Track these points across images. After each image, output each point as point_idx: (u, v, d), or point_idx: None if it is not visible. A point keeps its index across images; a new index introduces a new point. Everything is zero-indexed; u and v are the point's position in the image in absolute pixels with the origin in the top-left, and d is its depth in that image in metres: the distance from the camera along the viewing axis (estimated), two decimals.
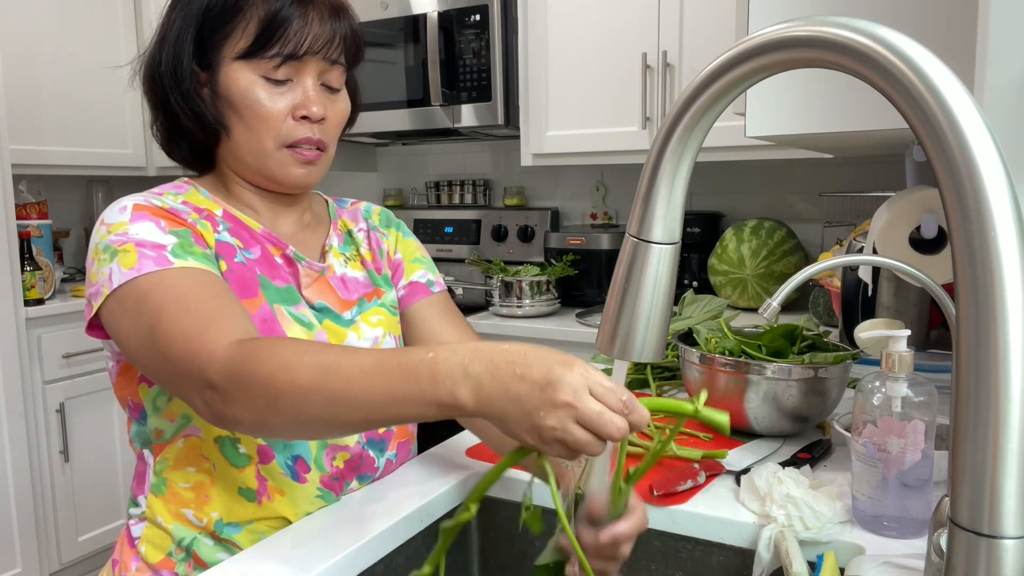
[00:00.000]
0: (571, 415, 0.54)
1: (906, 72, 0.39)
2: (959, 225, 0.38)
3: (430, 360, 0.60)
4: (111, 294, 0.75)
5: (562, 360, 0.56)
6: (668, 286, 0.55)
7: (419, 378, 0.60)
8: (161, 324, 0.72)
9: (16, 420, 2.26)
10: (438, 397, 0.59)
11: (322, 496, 0.86)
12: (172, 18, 0.85)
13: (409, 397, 0.60)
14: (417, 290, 1.01)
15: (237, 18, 0.82)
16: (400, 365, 0.61)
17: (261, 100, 0.83)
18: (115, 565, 0.88)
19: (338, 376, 0.63)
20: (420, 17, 2.43)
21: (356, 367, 0.63)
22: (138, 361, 0.76)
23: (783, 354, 1.09)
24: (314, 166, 0.88)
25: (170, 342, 0.71)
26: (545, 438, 0.55)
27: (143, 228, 0.78)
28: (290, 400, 0.64)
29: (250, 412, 0.66)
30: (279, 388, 0.64)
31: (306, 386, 0.63)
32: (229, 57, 0.83)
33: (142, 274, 0.74)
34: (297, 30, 0.82)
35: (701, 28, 2.06)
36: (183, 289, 0.73)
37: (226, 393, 0.67)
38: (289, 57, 0.83)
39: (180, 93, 0.84)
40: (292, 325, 0.84)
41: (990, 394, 0.38)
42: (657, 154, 0.51)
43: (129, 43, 2.89)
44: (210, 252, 0.81)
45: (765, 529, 0.77)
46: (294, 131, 0.85)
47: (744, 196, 2.44)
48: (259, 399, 0.65)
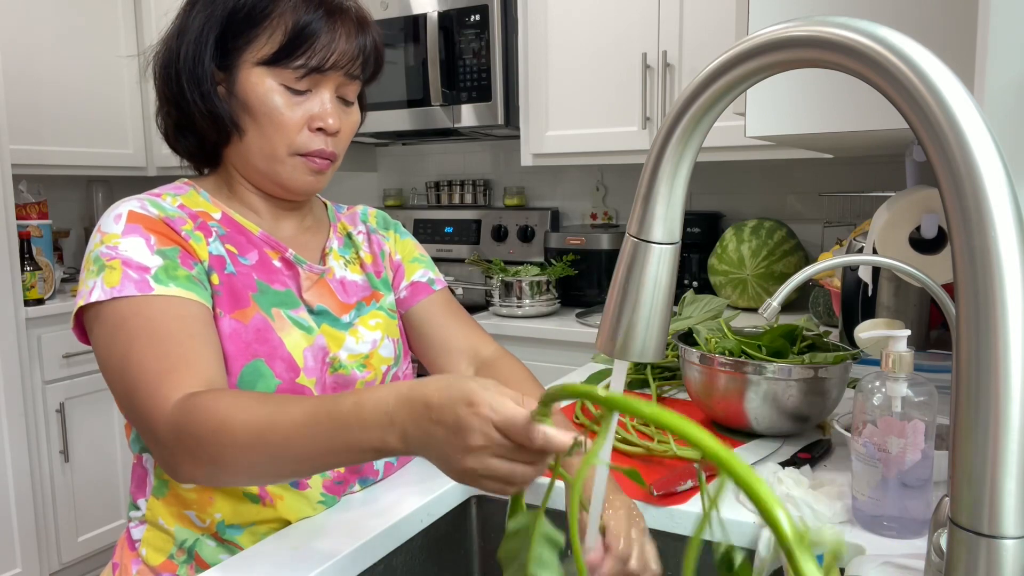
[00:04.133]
0: (488, 453, 0.55)
1: (906, 72, 0.39)
2: (959, 225, 0.38)
3: (357, 409, 0.61)
4: (89, 306, 0.77)
5: (465, 399, 0.55)
6: (668, 286, 0.55)
7: (350, 427, 0.61)
8: (128, 364, 0.74)
9: (16, 420, 2.26)
10: (372, 444, 0.61)
11: (324, 501, 0.86)
12: (193, 15, 0.85)
13: (346, 446, 0.62)
14: (419, 290, 1.01)
15: (264, 24, 0.82)
16: (330, 415, 0.63)
17: (279, 108, 0.83)
18: (115, 568, 0.88)
19: (274, 433, 0.65)
20: (420, 17, 2.43)
21: (290, 422, 0.64)
22: (112, 388, 0.77)
23: (783, 354, 1.09)
24: (323, 175, 0.88)
25: (134, 387, 0.73)
26: (474, 478, 0.56)
27: (132, 244, 0.78)
28: (232, 457, 0.66)
29: (199, 469, 0.69)
30: (220, 448, 0.66)
31: (245, 444, 0.65)
32: (250, 61, 0.83)
33: (122, 296, 0.75)
34: (324, 44, 0.82)
35: (701, 28, 2.06)
36: (157, 322, 0.75)
37: (175, 452, 0.69)
38: (314, 70, 0.83)
39: (199, 92, 0.84)
40: (291, 330, 0.84)
41: (990, 394, 0.38)
42: (657, 154, 0.51)
43: (129, 43, 2.89)
44: (199, 270, 0.81)
45: (765, 529, 0.77)
46: (309, 142, 0.85)
47: (744, 196, 2.44)
48: (203, 457, 0.67)
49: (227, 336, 0.80)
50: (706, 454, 0.39)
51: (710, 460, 0.43)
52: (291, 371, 0.83)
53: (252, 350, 0.81)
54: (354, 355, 0.90)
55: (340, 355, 0.88)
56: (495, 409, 0.54)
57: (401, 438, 0.59)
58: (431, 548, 0.88)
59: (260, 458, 0.66)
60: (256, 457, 0.66)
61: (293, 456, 0.65)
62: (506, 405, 0.55)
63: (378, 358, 0.92)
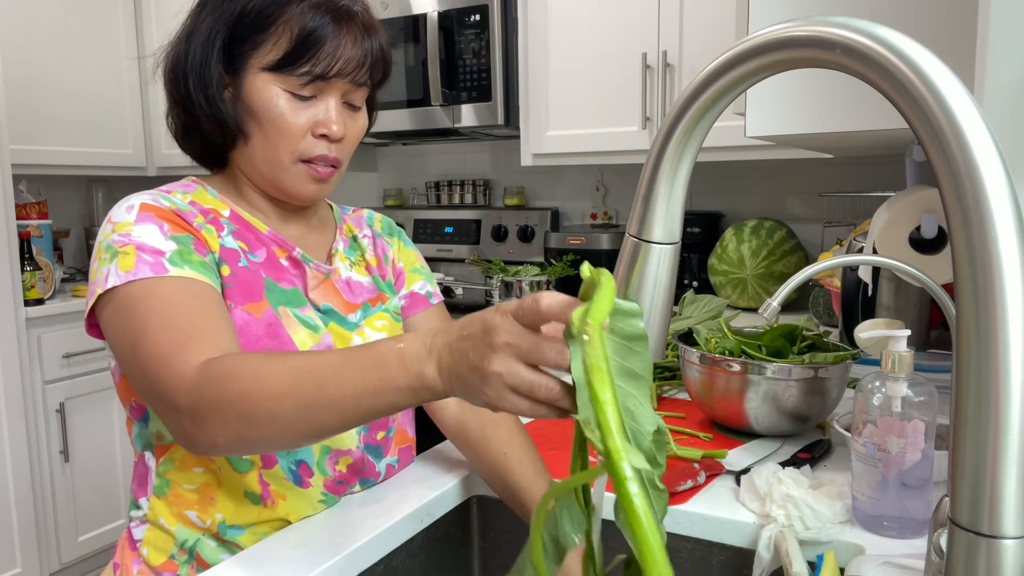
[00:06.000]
0: (513, 355, 0.53)
1: (906, 72, 0.39)
2: (959, 225, 0.38)
3: (398, 348, 0.60)
4: (105, 294, 0.76)
5: (494, 308, 0.55)
6: (668, 286, 0.55)
7: (388, 364, 0.60)
8: (143, 340, 0.72)
9: (16, 420, 2.26)
10: (408, 381, 0.59)
11: (325, 501, 0.86)
12: (202, 17, 0.84)
13: (380, 385, 0.60)
14: (417, 302, 1.01)
15: (271, 29, 0.82)
16: (368, 353, 0.61)
17: (283, 113, 0.82)
18: (116, 568, 0.88)
19: (311, 376, 0.63)
20: (420, 17, 2.43)
21: (327, 364, 0.63)
22: (124, 369, 0.76)
23: (783, 354, 1.09)
24: (326, 183, 0.88)
25: (148, 360, 0.71)
26: (496, 389, 0.54)
27: (146, 230, 0.78)
28: (264, 408, 0.64)
29: (223, 430, 0.66)
30: (252, 399, 0.64)
31: (279, 391, 0.63)
32: (256, 67, 0.82)
33: (136, 279, 0.74)
34: (330, 51, 0.82)
35: (701, 28, 2.06)
36: (171, 301, 0.74)
37: (197, 416, 0.66)
38: (318, 77, 0.82)
39: (204, 96, 0.83)
40: (298, 328, 0.84)
41: (990, 394, 0.38)
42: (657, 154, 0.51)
43: (129, 44, 2.89)
44: (210, 259, 0.81)
45: (765, 529, 0.77)
46: (312, 148, 0.85)
47: (744, 196, 2.44)
48: (231, 415, 0.65)
49: (238, 328, 0.80)
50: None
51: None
52: None
53: (263, 344, 0.81)
54: None
55: None
56: (514, 302, 0.54)
57: (438, 366, 0.58)
58: (431, 548, 0.88)
59: (292, 407, 0.63)
60: (289, 406, 0.63)
61: (327, 402, 0.62)
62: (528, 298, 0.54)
63: None
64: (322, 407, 0.62)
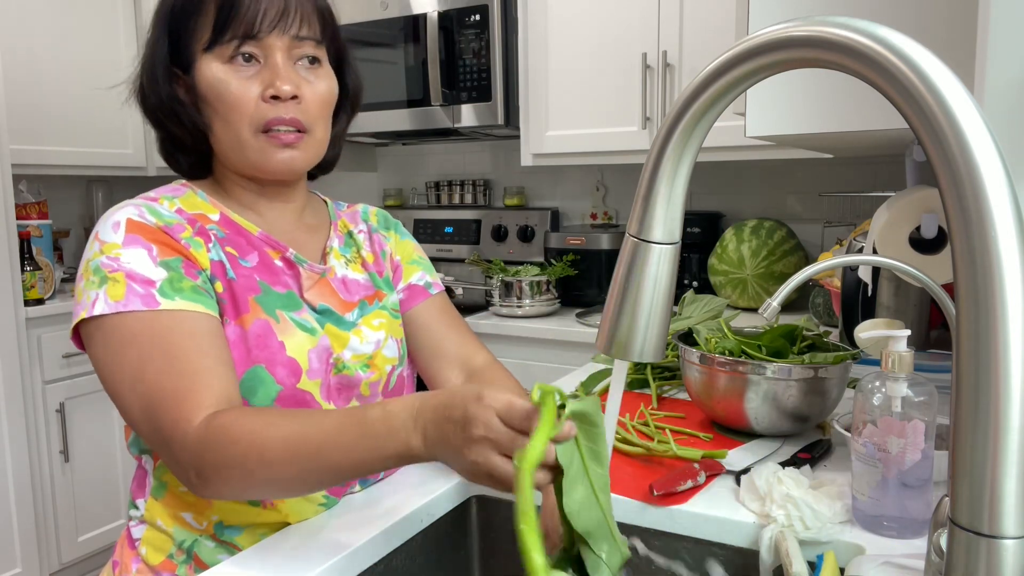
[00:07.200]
0: (490, 447, 0.59)
1: (906, 72, 0.39)
2: (959, 225, 0.38)
3: (385, 415, 0.66)
4: (93, 319, 0.76)
5: (474, 395, 0.60)
6: (668, 286, 0.55)
7: (377, 434, 0.66)
8: (140, 385, 0.74)
9: (16, 420, 2.26)
10: (396, 449, 0.65)
11: (326, 503, 0.86)
12: (150, 34, 0.86)
13: (371, 454, 0.66)
14: (416, 293, 1.01)
15: (199, 11, 0.82)
16: (359, 423, 0.67)
17: (230, 87, 0.82)
18: (115, 567, 0.88)
19: (306, 445, 0.68)
20: (420, 17, 2.43)
21: (321, 433, 0.68)
22: (117, 402, 0.77)
23: (783, 354, 1.09)
24: (296, 149, 0.84)
25: (149, 407, 0.73)
26: (475, 473, 0.60)
27: (135, 255, 0.78)
28: (263, 475, 0.69)
29: (227, 487, 0.71)
30: (251, 467, 0.69)
31: (277, 461, 0.69)
32: (199, 52, 0.83)
33: (127, 310, 0.75)
34: (249, 8, 0.81)
35: (701, 28, 2.06)
36: (167, 341, 0.75)
37: (201, 475, 0.71)
38: (247, 37, 0.81)
39: (161, 101, 0.84)
40: (294, 332, 0.84)
41: (990, 394, 0.38)
42: (657, 154, 0.51)
43: (129, 43, 2.89)
44: (203, 279, 0.81)
45: (765, 529, 0.77)
46: (265, 113, 0.82)
47: (744, 196, 2.44)
48: (234, 476, 0.70)
49: (231, 343, 0.80)
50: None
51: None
52: (293, 375, 0.82)
53: (252, 356, 0.81)
54: (358, 355, 0.90)
55: (344, 355, 0.88)
56: (497, 399, 0.59)
57: (423, 439, 0.63)
58: (431, 548, 0.88)
59: (291, 471, 0.69)
60: (288, 471, 0.69)
61: (323, 467, 0.68)
62: (509, 397, 0.59)
63: (382, 358, 0.92)
64: (319, 471, 0.69)
